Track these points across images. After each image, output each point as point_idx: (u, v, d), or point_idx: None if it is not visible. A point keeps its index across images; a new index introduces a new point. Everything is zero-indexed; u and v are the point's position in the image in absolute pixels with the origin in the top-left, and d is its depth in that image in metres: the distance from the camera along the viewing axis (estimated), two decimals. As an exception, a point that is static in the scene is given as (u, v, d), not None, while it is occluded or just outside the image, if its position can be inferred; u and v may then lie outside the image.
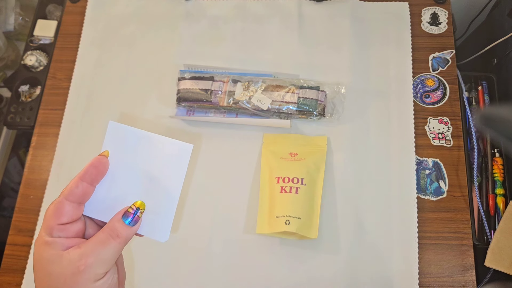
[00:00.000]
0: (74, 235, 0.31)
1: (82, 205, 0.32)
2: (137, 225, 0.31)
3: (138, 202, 0.32)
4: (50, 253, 0.29)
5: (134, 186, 0.33)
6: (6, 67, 0.83)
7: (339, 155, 0.62)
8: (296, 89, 0.62)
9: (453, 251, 0.57)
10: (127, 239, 0.30)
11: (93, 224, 0.33)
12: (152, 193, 0.33)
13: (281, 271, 0.56)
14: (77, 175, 0.31)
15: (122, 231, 0.30)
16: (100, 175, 0.32)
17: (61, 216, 0.30)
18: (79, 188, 0.31)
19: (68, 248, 0.29)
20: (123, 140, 0.33)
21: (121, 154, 0.33)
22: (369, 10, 0.71)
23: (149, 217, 0.33)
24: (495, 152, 0.62)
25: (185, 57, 0.69)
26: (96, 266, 0.29)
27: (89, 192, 0.32)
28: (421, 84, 0.66)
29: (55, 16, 0.77)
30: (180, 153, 0.33)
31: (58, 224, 0.30)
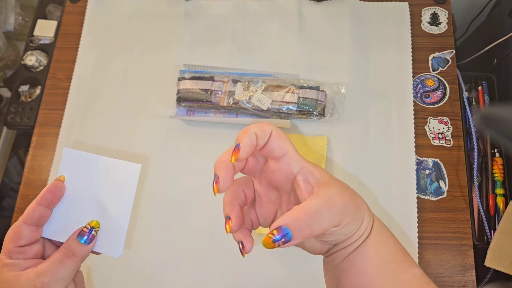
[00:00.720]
0: (32, 256, 0.32)
1: (40, 227, 0.33)
2: (92, 243, 0.32)
3: (94, 222, 0.33)
4: (9, 274, 0.30)
5: (88, 207, 0.35)
6: (6, 67, 0.83)
7: (339, 155, 0.62)
8: (296, 89, 0.62)
9: (453, 251, 0.57)
10: (83, 257, 0.32)
11: (51, 246, 0.34)
12: (106, 213, 0.35)
13: (281, 270, 0.56)
14: (34, 200, 0.32)
15: (77, 249, 0.31)
16: (56, 199, 0.33)
17: (19, 239, 0.31)
18: (35, 212, 0.32)
19: (26, 269, 0.31)
20: (78, 164, 0.35)
21: (76, 178, 0.35)
22: (369, 10, 0.71)
23: (103, 235, 0.34)
24: (495, 152, 0.62)
25: (185, 57, 0.69)
26: (52, 285, 0.30)
27: (46, 215, 0.33)
28: (421, 84, 0.66)
29: (55, 16, 0.77)
30: (130, 173, 0.35)
31: (17, 247, 0.31)
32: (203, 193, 0.61)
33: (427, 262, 0.56)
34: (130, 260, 0.58)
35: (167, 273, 0.58)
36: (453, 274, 0.56)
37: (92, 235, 0.32)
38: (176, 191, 0.61)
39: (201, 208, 0.60)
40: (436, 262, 0.56)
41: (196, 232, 0.59)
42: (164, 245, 0.59)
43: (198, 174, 0.62)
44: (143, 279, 0.57)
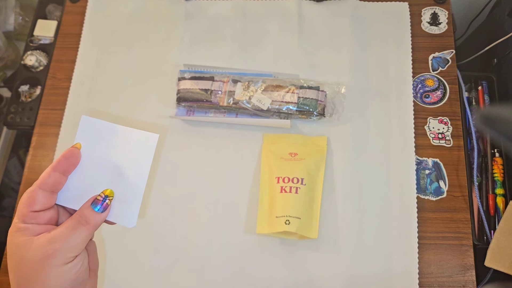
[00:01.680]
0: (46, 222, 0.32)
1: (55, 194, 0.33)
2: (106, 212, 0.32)
3: (108, 190, 0.33)
4: (22, 239, 0.30)
5: (103, 175, 0.34)
6: (6, 67, 0.83)
7: (339, 155, 0.62)
8: (296, 89, 0.62)
9: (453, 251, 0.57)
10: (96, 225, 0.31)
11: (66, 213, 0.34)
12: (121, 182, 0.34)
13: (281, 271, 0.57)
14: (50, 166, 0.32)
15: (91, 217, 0.31)
16: (72, 166, 0.33)
17: (33, 204, 0.31)
18: (51, 177, 0.32)
19: (39, 234, 0.30)
20: (94, 133, 0.35)
21: (92, 146, 0.35)
22: (369, 10, 0.71)
23: (117, 204, 0.34)
24: (495, 152, 0.62)
25: (185, 57, 0.69)
26: (64, 251, 0.29)
27: (61, 182, 0.33)
28: (421, 84, 0.66)
29: (55, 16, 0.77)
30: (147, 143, 0.35)
31: (31, 212, 0.31)
32: (203, 193, 0.61)
33: (427, 262, 0.56)
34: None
35: (167, 273, 0.58)
36: (453, 274, 0.56)
37: (106, 204, 0.32)
38: (176, 190, 0.61)
39: (201, 208, 0.60)
40: (436, 262, 0.56)
41: (195, 232, 0.59)
42: (162, 247, 0.59)
43: (198, 174, 0.62)
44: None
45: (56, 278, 0.29)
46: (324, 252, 0.57)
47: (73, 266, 0.30)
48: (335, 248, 0.57)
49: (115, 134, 0.35)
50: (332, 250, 0.57)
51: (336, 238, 0.57)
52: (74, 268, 0.30)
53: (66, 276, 0.29)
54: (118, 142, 0.35)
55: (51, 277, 0.29)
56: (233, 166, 0.62)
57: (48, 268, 0.29)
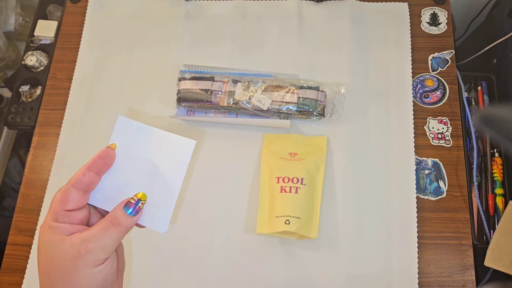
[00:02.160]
0: (78, 222, 0.32)
1: (88, 193, 0.33)
2: (138, 215, 0.32)
3: (140, 194, 0.33)
4: (54, 237, 0.30)
5: (137, 178, 0.34)
6: (7, 67, 0.83)
7: (339, 155, 0.62)
8: (296, 89, 0.62)
9: (452, 251, 0.57)
10: (127, 228, 0.31)
11: (97, 213, 0.34)
12: (154, 185, 0.34)
13: (281, 270, 0.57)
14: (85, 165, 0.32)
15: (123, 220, 0.31)
16: (106, 166, 0.33)
17: (67, 203, 0.31)
18: (85, 177, 0.32)
19: (71, 234, 0.30)
20: (130, 134, 0.35)
21: (127, 148, 0.34)
22: (369, 10, 0.71)
23: (150, 208, 0.34)
24: (495, 152, 0.63)
25: (185, 57, 0.69)
26: (96, 252, 0.29)
27: (95, 182, 0.33)
28: (421, 84, 0.66)
29: (55, 16, 0.77)
30: (183, 149, 0.35)
31: (64, 210, 0.31)
32: (203, 193, 0.61)
33: (427, 262, 0.57)
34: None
35: (166, 273, 0.58)
36: (452, 274, 0.56)
37: (138, 207, 0.32)
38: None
39: (201, 208, 0.60)
40: (435, 262, 0.56)
41: (195, 232, 0.59)
42: (162, 246, 0.59)
43: (198, 173, 0.62)
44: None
45: (86, 278, 0.29)
46: (324, 252, 0.57)
47: (104, 268, 0.30)
48: (335, 248, 0.57)
49: (152, 137, 0.35)
50: (332, 250, 0.57)
51: (335, 238, 0.58)
52: (104, 270, 0.30)
53: (96, 277, 0.30)
54: (154, 145, 0.35)
55: (82, 277, 0.29)
56: (233, 166, 0.62)
57: (79, 268, 0.29)
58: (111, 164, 0.34)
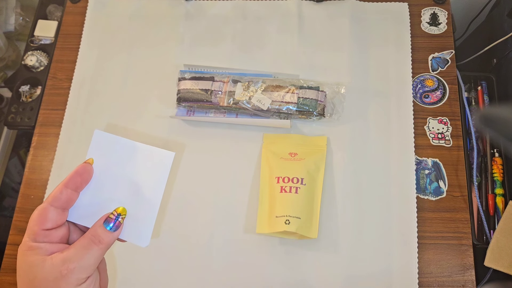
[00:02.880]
0: (58, 241, 0.31)
1: (66, 211, 0.32)
2: (119, 230, 0.31)
3: (120, 208, 0.32)
4: (34, 258, 0.29)
5: (117, 193, 0.33)
6: (7, 67, 0.83)
7: (339, 155, 0.62)
8: (296, 89, 0.62)
9: (452, 251, 0.57)
10: (108, 245, 0.31)
11: (77, 230, 0.34)
12: (134, 199, 0.33)
13: (281, 270, 0.57)
14: (62, 182, 0.31)
15: (104, 236, 0.30)
16: (84, 182, 0.33)
17: (45, 222, 0.30)
18: (63, 194, 0.31)
19: (51, 253, 0.30)
20: (108, 148, 0.34)
21: (105, 162, 0.34)
22: (369, 10, 0.71)
23: (131, 222, 0.33)
24: (495, 152, 0.63)
25: (185, 57, 0.69)
26: (78, 271, 0.29)
27: (73, 199, 0.32)
28: (421, 84, 0.66)
29: (55, 16, 0.77)
30: (162, 161, 0.34)
31: (42, 230, 0.30)
32: (203, 193, 0.61)
33: (427, 262, 0.57)
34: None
35: (166, 272, 0.58)
36: (452, 274, 0.56)
37: (119, 222, 0.31)
38: (176, 190, 0.62)
39: (201, 208, 0.60)
40: (435, 262, 0.57)
41: (195, 232, 0.59)
42: (162, 246, 0.59)
43: (198, 173, 0.62)
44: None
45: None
46: (324, 252, 0.57)
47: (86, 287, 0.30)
48: (335, 248, 0.57)
49: (129, 150, 0.34)
50: (332, 250, 0.57)
51: (335, 238, 0.58)
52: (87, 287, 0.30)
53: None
54: (132, 158, 0.34)
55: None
56: (233, 166, 0.62)
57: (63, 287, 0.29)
58: (89, 179, 0.33)
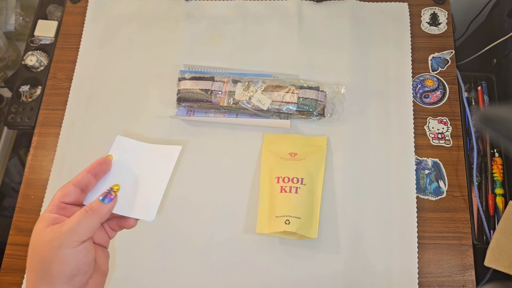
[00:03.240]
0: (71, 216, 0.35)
1: (85, 194, 0.37)
2: (111, 203, 0.35)
3: (115, 185, 0.37)
4: (42, 224, 0.33)
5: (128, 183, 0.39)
6: (7, 67, 0.83)
7: (339, 155, 0.62)
8: (296, 89, 0.62)
9: (452, 251, 0.57)
10: (100, 214, 0.34)
11: None
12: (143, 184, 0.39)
13: (281, 270, 0.57)
14: (85, 169, 0.37)
15: (96, 206, 0.34)
16: (102, 172, 0.38)
17: (65, 196, 0.35)
18: (84, 178, 0.36)
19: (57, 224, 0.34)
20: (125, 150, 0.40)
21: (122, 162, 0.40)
22: (369, 10, 0.71)
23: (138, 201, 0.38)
24: (495, 152, 0.63)
25: (185, 57, 0.69)
26: (70, 234, 0.32)
27: (92, 184, 0.37)
28: (421, 84, 0.66)
29: (55, 16, 0.77)
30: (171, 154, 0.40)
31: (62, 202, 0.35)
32: (203, 193, 0.61)
33: (427, 262, 0.57)
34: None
35: (166, 274, 0.58)
36: (452, 274, 0.56)
37: (110, 194, 0.35)
38: (176, 190, 0.62)
39: (201, 208, 0.60)
40: (435, 262, 0.57)
41: (195, 232, 0.59)
42: (162, 246, 0.59)
43: (198, 173, 0.62)
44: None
45: (60, 261, 0.31)
46: (324, 252, 0.57)
47: (76, 252, 0.32)
48: (335, 248, 0.57)
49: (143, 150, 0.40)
50: (332, 250, 0.57)
51: (335, 238, 0.58)
52: (77, 254, 0.32)
53: (69, 260, 0.32)
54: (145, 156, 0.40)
55: (55, 259, 0.31)
56: (233, 166, 0.62)
57: (53, 250, 0.31)
58: (107, 170, 0.38)
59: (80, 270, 0.33)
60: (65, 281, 0.32)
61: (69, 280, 0.32)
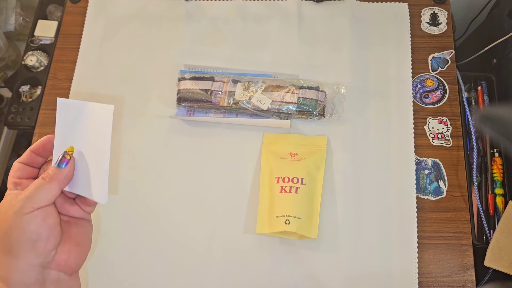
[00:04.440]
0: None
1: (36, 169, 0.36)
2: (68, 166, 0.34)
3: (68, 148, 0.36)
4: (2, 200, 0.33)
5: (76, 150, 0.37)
6: (7, 67, 0.83)
7: (339, 155, 0.62)
8: (296, 89, 0.62)
9: (452, 251, 0.57)
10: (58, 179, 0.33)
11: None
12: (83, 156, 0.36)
13: (281, 270, 0.57)
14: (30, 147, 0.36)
15: (52, 172, 0.33)
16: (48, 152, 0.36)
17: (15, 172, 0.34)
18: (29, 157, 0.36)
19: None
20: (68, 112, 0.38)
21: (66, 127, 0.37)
22: (369, 10, 0.71)
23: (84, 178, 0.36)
24: (495, 152, 0.63)
25: (185, 57, 0.69)
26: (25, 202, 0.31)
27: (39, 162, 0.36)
28: (421, 84, 0.66)
29: (55, 16, 0.77)
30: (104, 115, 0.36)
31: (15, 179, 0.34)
32: (203, 193, 0.61)
33: (427, 262, 0.57)
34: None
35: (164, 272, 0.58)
36: (452, 274, 0.56)
37: (64, 158, 0.34)
38: (176, 190, 0.62)
39: (201, 208, 0.60)
40: (435, 262, 0.57)
41: (195, 232, 0.59)
42: (162, 246, 0.59)
43: (198, 174, 0.62)
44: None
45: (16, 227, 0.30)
46: (324, 252, 0.57)
47: (33, 217, 0.31)
48: (335, 248, 0.57)
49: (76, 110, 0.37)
50: (332, 250, 0.57)
51: (335, 238, 0.58)
52: (34, 219, 0.31)
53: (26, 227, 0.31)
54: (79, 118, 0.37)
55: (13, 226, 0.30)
56: (233, 166, 0.62)
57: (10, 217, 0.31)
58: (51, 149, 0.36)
59: (40, 235, 0.31)
60: (27, 248, 0.30)
61: (31, 247, 0.31)
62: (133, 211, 0.61)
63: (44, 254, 0.31)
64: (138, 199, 0.61)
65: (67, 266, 0.33)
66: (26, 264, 0.30)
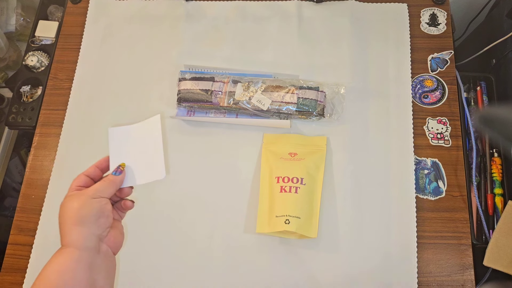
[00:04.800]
0: None
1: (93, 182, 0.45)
2: (121, 175, 0.45)
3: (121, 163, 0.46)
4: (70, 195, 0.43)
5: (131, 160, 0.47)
6: (8, 68, 0.83)
7: (339, 155, 0.62)
8: (295, 89, 0.62)
9: (452, 250, 0.57)
10: (114, 182, 0.44)
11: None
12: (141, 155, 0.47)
13: (281, 270, 0.57)
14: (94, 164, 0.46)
15: (111, 177, 0.44)
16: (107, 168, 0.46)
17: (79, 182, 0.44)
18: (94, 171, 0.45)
19: None
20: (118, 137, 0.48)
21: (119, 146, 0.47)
22: (368, 11, 0.71)
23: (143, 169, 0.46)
24: (494, 152, 0.63)
25: (185, 57, 0.69)
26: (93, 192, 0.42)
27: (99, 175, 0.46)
28: (420, 84, 0.66)
29: (56, 17, 0.77)
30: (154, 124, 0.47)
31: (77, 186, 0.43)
32: (203, 193, 0.61)
33: (426, 262, 0.57)
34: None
35: (163, 271, 0.58)
36: (452, 274, 0.56)
37: (119, 169, 0.45)
38: (177, 190, 0.62)
39: (201, 207, 0.61)
40: (435, 262, 0.57)
41: (195, 231, 0.59)
42: (163, 246, 0.59)
43: (198, 173, 0.62)
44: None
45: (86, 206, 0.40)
46: (324, 251, 0.57)
47: (99, 202, 0.41)
48: (335, 247, 0.57)
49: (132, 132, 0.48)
50: (332, 249, 0.57)
51: (335, 238, 0.58)
52: (100, 202, 0.41)
53: (93, 205, 0.41)
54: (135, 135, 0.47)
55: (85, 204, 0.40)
56: (233, 166, 0.62)
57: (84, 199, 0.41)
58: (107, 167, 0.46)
59: (103, 213, 0.41)
60: (92, 220, 0.40)
61: (95, 221, 0.40)
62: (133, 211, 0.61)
63: (102, 228, 0.41)
64: (138, 199, 0.62)
65: (114, 244, 0.43)
66: (90, 233, 0.40)
